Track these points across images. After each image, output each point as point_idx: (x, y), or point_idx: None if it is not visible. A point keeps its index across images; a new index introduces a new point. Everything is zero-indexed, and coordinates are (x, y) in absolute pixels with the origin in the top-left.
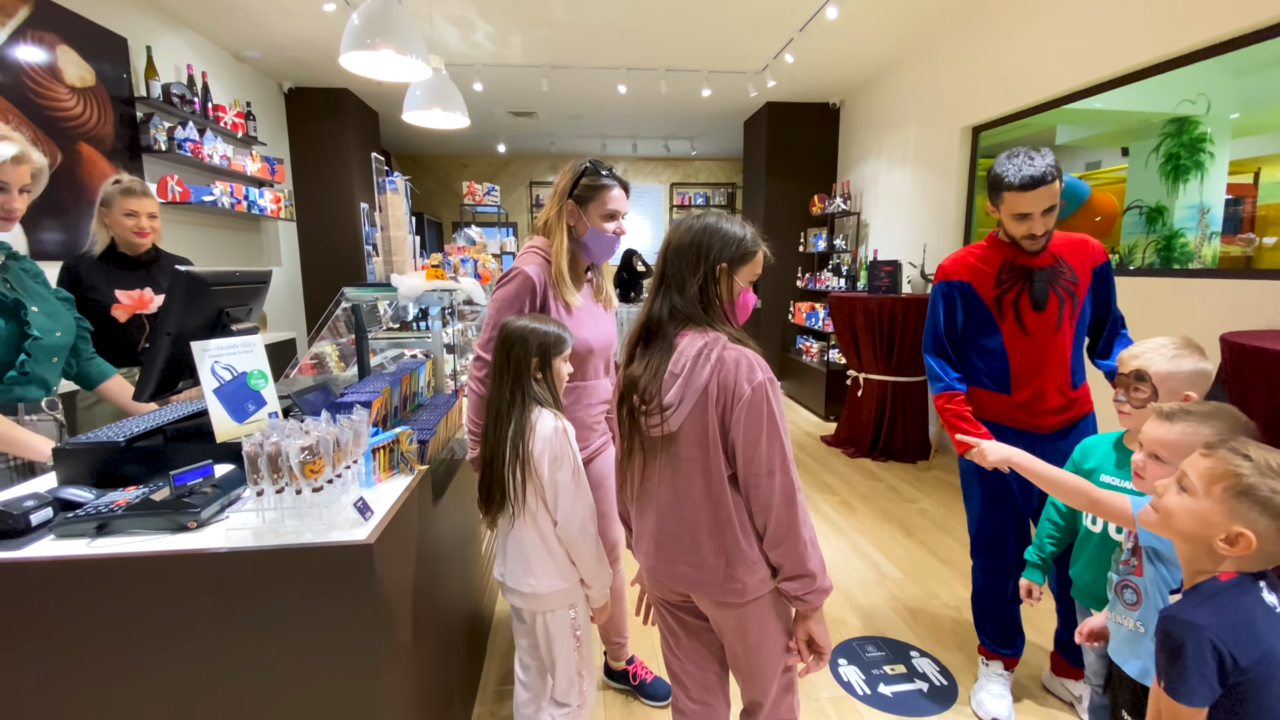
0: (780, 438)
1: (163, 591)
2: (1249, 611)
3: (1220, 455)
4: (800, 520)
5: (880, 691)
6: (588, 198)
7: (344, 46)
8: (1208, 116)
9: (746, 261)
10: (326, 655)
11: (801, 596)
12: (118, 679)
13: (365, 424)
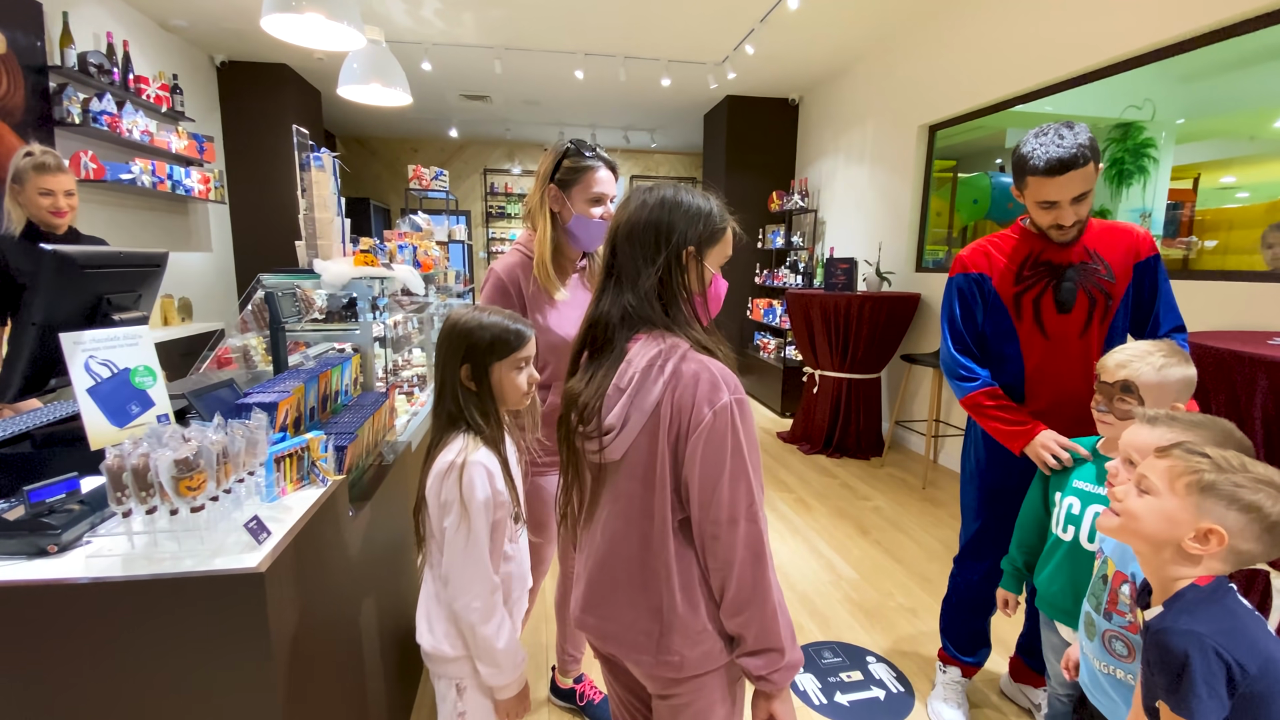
0: (747, 476)
1: (13, 627)
2: (1240, 615)
3: (1177, 454)
4: (769, 582)
5: (837, 701)
6: (571, 181)
7: (266, 7)
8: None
9: (716, 241)
10: (213, 703)
11: (767, 676)
12: None
13: (264, 429)
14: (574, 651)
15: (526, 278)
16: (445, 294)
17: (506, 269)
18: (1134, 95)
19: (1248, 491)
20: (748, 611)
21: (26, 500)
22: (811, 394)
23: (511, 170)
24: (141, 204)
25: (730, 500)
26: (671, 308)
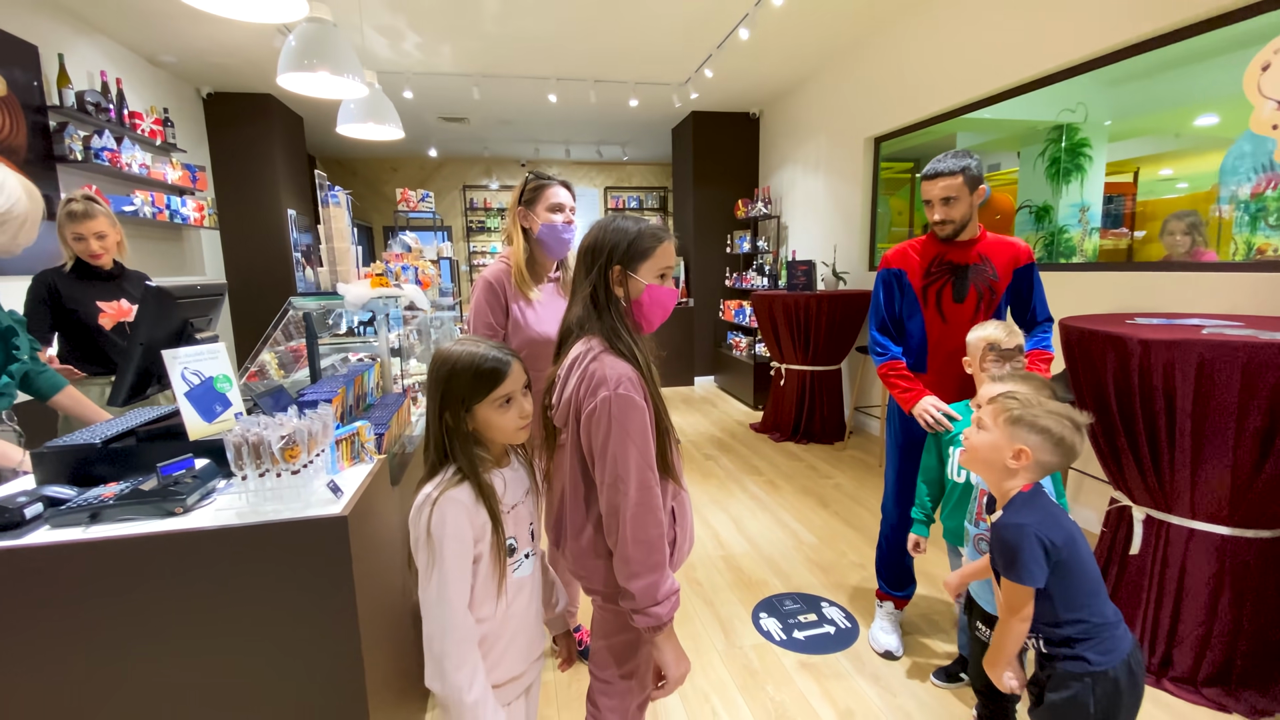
0: (624, 453)
1: (157, 570)
2: (1050, 509)
3: (998, 400)
4: (630, 538)
5: (795, 637)
6: (534, 199)
7: (281, 67)
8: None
9: (646, 257)
10: (310, 621)
11: (629, 613)
12: (116, 654)
13: (331, 417)
14: (570, 606)
15: (509, 282)
16: (437, 307)
17: (494, 275)
18: (1068, 99)
19: (1042, 419)
20: (616, 555)
21: (159, 474)
22: (779, 387)
23: (489, 186)
24: (139, 233)
25: (610, 467)
26: (603, 314)
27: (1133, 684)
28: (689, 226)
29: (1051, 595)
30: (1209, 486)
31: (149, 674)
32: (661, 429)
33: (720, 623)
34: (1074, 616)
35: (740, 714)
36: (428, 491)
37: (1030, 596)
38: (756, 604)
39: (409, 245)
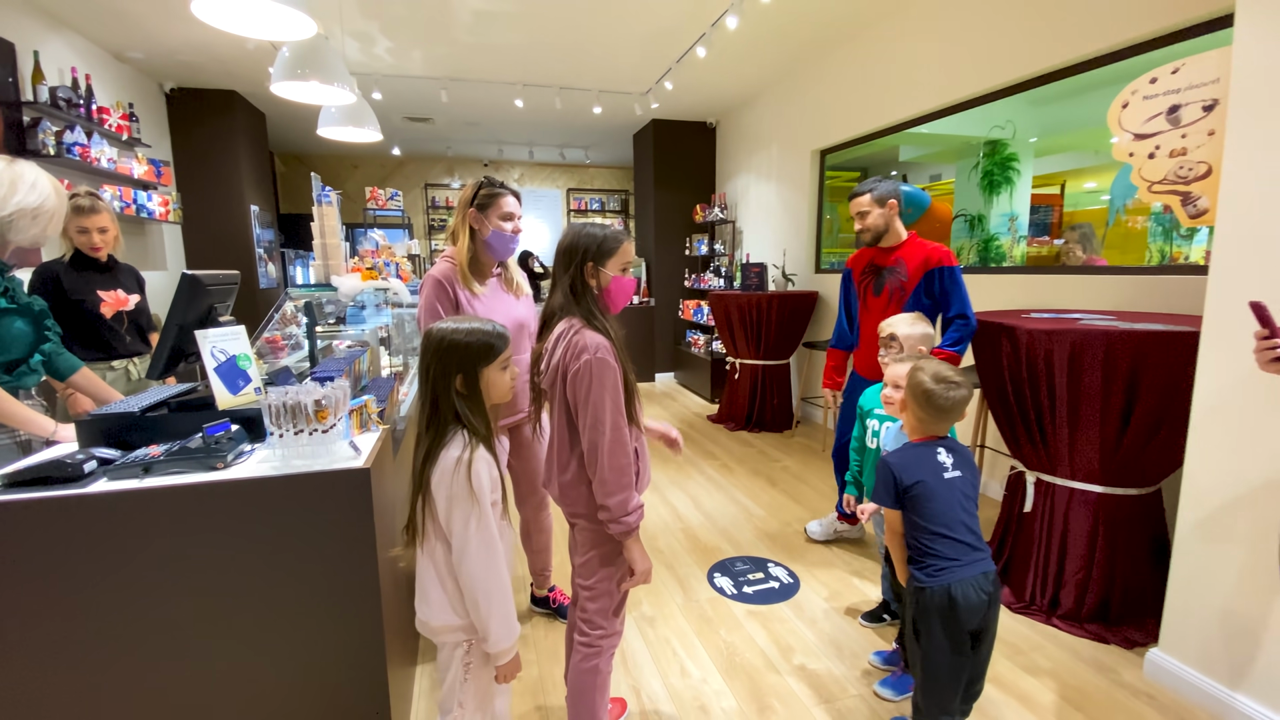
0: (602, 402)
1: (204, 516)
2: (918, 457)
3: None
4: (607, 465)
5: (744, 591)
6: (487, 205)
7: (275, 76)
8: (1014, 140)
9: (611, 254)
10: (337, 561)
11: (605, 523)
12: (166, 593)
13: (349, 389)
14: (545, 570)
15: (456, 279)
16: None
17: (442, 273)
18: (998, 118)
19: (917, 377)
20: (595, 480)
21: (205, 434)
22: (733, 380)
23: (452, 185)
24: None
25: (591, 414)
26: (580, 301)
27: (951, 608)
28: (650, 229)
29: (907, 521)
30: (1084, 452)
31: (196, 611)
32: (629, 387)
33: (679, 582)
34: (914, 541)
35: (697, 654)
36: (456, 454)
37: (893, 516)
38: (711, 565)
39: (377, 242)
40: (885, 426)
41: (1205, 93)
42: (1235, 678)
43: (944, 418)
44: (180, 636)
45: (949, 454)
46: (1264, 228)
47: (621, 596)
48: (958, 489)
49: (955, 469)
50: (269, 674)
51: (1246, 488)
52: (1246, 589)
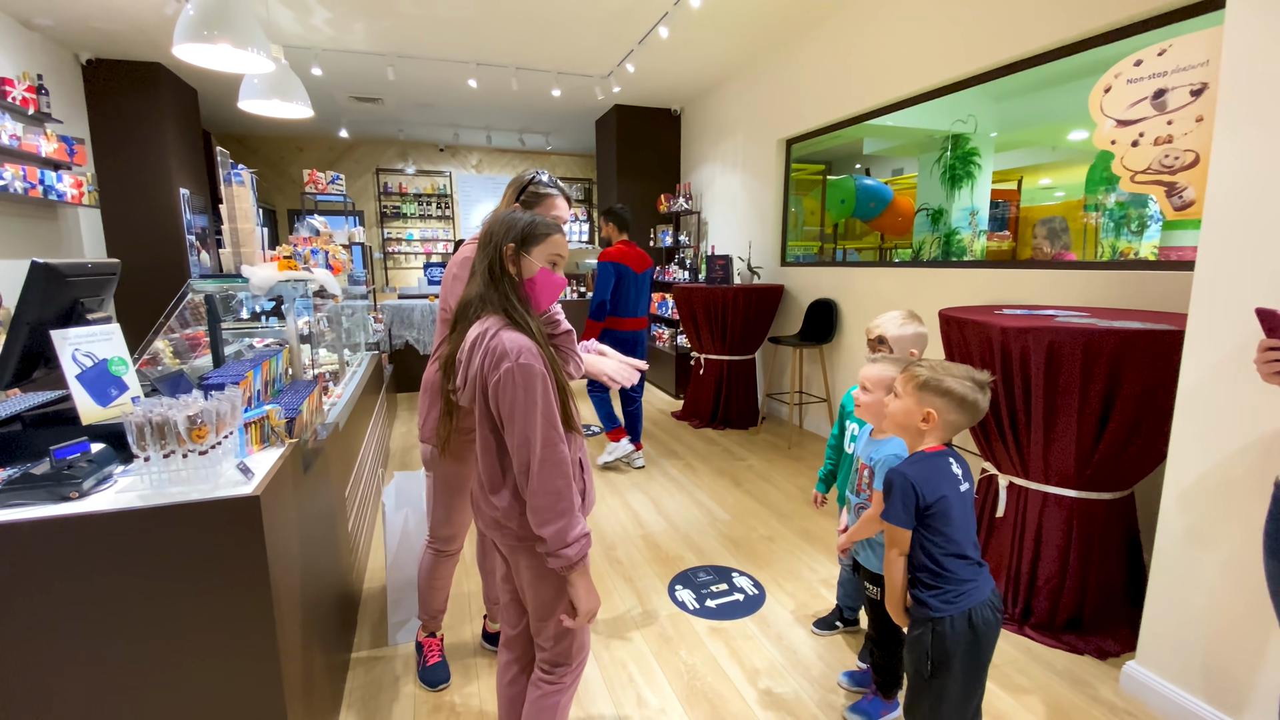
0: (531, 416)
1: (53, 557)
2: (939, 468)
3: (909, 370)
4: (540, 490)
5: (708, 605)
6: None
7: (177, 37)
8: (976, 134)
9: (538, 241)
10: (222, 608)
11: (544, 554)
12: (8, 647)
13: (239, 399)
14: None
15: None
16: (349, 295)
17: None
18: (960, 111)
19: (946, 382)
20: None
21: (52, 457)
22: (698, 376)
23: (405, 170)
24: (10, 210)
25: (520, 429)
26: (499, 286)
27: (973, 636)
28: None
29: (918, 542)
30: (1059, 455)
31: (50, 664)
32: (562, 389)
33: (638, 595)
34: (929, 565)
35: (655, 678)
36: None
37: (903, 536)
38: (673, 577)
39: (317, 229)
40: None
41: (1194, 76)
42: (1215, 693)
43: (973, 422)
44: (40, 689)
45: (958, 464)
46: (1255, 221)
47: (585, 632)
48: (968, 504)
49: (965, 480)
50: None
51: (1233, 490)
52: (1229, 599)
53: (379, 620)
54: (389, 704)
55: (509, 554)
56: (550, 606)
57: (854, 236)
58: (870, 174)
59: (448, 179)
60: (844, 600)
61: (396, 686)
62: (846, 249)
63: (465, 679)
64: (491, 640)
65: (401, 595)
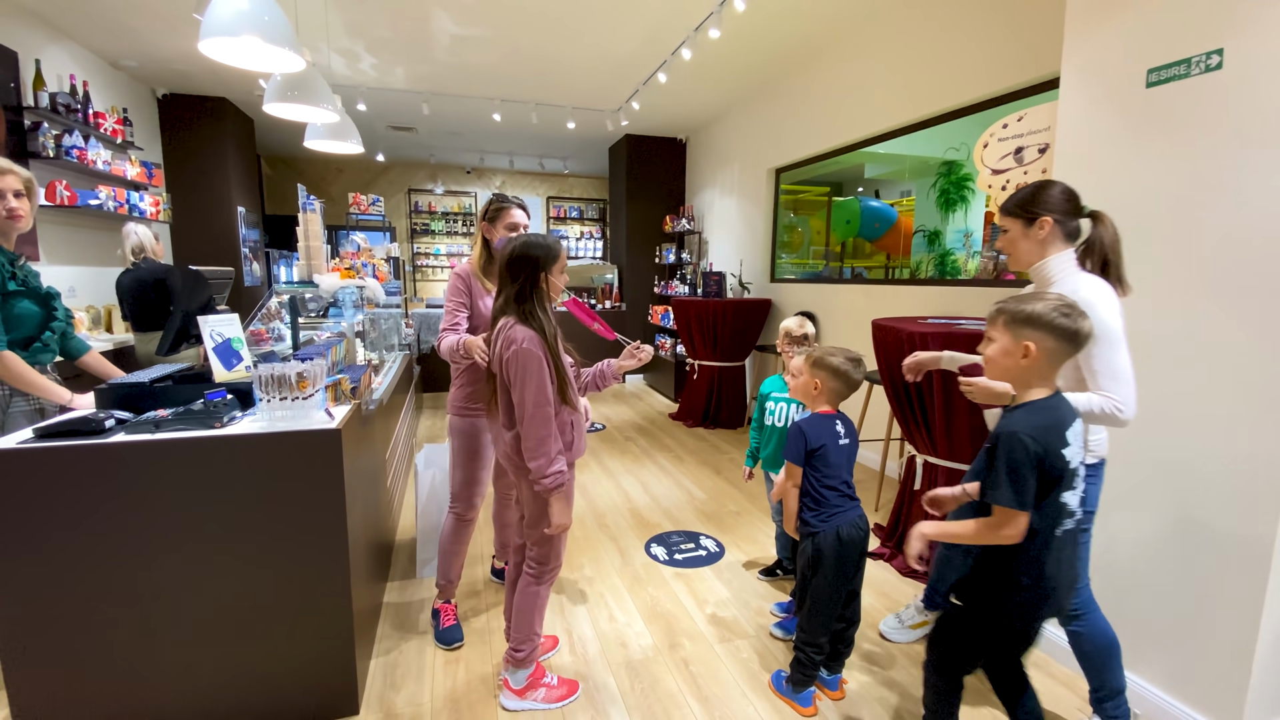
0: (526, 386)
1: (205, 465)
2: (824, 424)
3: (807, 354)
4: (529, 434)
5: (676, 557)
6: (496, 217)
7: (267, 98)
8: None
9: (554, 263)
10: (312, 508)
11: (533, 480)
12: (173, 529)
13: (327, 366)
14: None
15: (473, 276)
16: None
17: (464, 270)
18: (952, 139)
19: (827, 358)
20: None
21: (206, 399)
22: (692, 380)
23: (434, 190)
24: (100, 225)
25: (519, 394)
26: (523, 303)
27: (840, 546)
28: (623, 238)
29: (807, 476)
30: (958, 436)
31: (196, 545)
32: (560, 374)
33: (620, 551)
34: (812, 491)
35: (626, 605)
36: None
37: (796, 471)
38: (649, 538)
39: (359, 245)
40: (795, 407)
41: (1041, 137)
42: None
43: (849, 391)
44: (182, 566)
45: (842, 424)
46: None
47: (562, 540)
48: (845, 453)
49: (845, 437)
50: (250, 604)
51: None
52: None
53: (407, 562)
54: (416, 615)
55: (516, 477)
56: (537, 518)
57: (863, 256)
58: (879, 195)
59: (473, 199)
60: (782, 552)
61: (423, 606)
62: (853, 267)
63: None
64: (498, 575)
65: (429, 537)
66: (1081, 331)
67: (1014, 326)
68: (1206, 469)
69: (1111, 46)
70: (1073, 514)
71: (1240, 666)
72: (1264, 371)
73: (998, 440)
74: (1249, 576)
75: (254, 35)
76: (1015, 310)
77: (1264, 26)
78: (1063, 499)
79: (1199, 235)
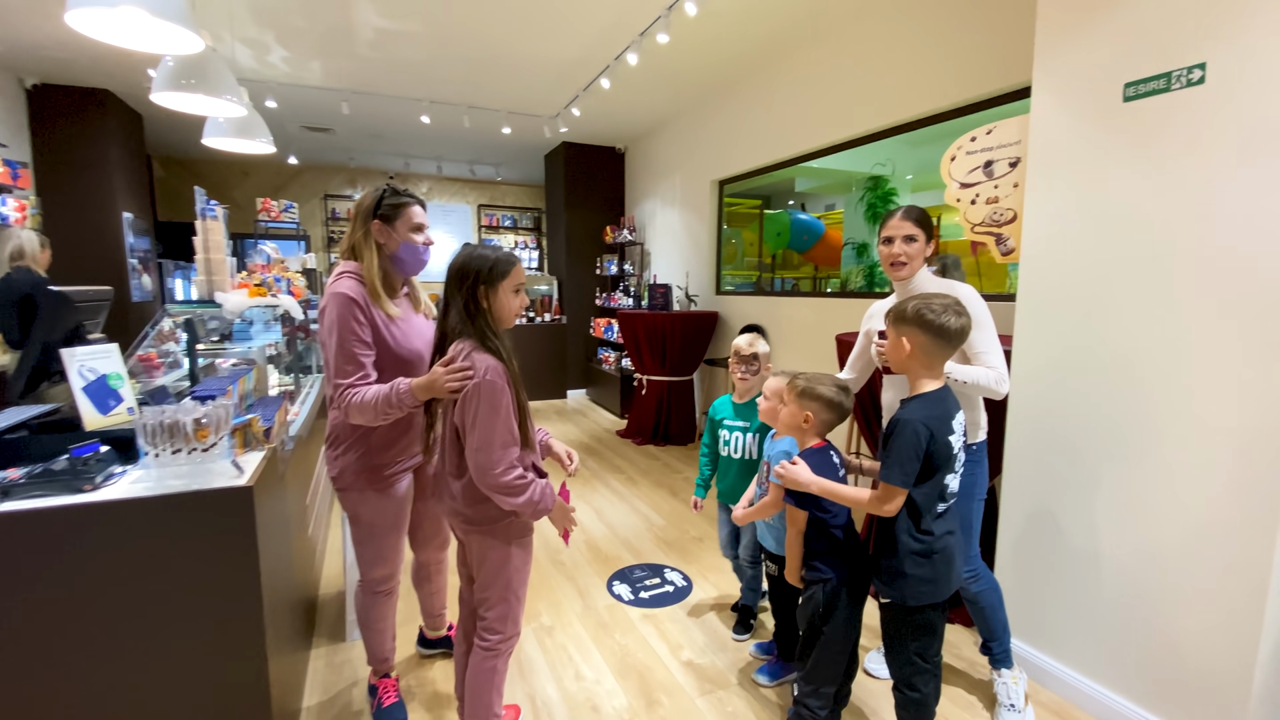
0: (491, 426)
1: (73, 540)
2: (823, 462)
3: (790, 382)
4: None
5: (641, 596)
6: (393, 215)
7: (156, 86)
8: (894, 176)
9: (505, 277)
10: (220, 580)
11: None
12: (30, 621)
13: (232, 407)
14: (443, 609)
15: (367, 300)
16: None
17: (355, 291)
18: (880, 155)
19: (818, 389)
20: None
21: (70, 455)
22: (641, 395)
23: (354, 196)
24: None
25: (480, 435)
26: (475, 321)
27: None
28: (561, 248)
29: (812, 519)
30: None
31: (73, 632)
32: (522, 407)
33: (579, 592)
34: (819, 537)
35: (592, 658)
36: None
37: (801, 517)
38: (611, 575)
39: (269, 255)
40: (751, 435)
41: (1011, 151)
42: (1039, 639)
43: (840, 420)
44: (58, 656)
45: (836, 456)
46: (1053, 263)
47: (519, 602)
48: None
49: (841, 467)
50: (150, 693)
51: (1052, 467)
52: (1054, 576)
53: (335, 620)
54: (349, 690)
55: (463, 536)
56: (491, 578)
57: (791, 267)
58: (805, 209)
59: None
60: (750, 599)
61: (357, 675)
62: (784, 278)
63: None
64: (433, 645)
65: None
66: (949, 328)
67: (897, 324)
68: (1188, 473)
69: (1085, 60)
70: (954, 495)
71: (1241, 681)
72: (1240, 378)
73: (895, 426)
74: (1247, 587)
75: (136, 6)
76: (897, 309)
77: (1249, 40)
78: (945, 481)
79: (1178, 252)
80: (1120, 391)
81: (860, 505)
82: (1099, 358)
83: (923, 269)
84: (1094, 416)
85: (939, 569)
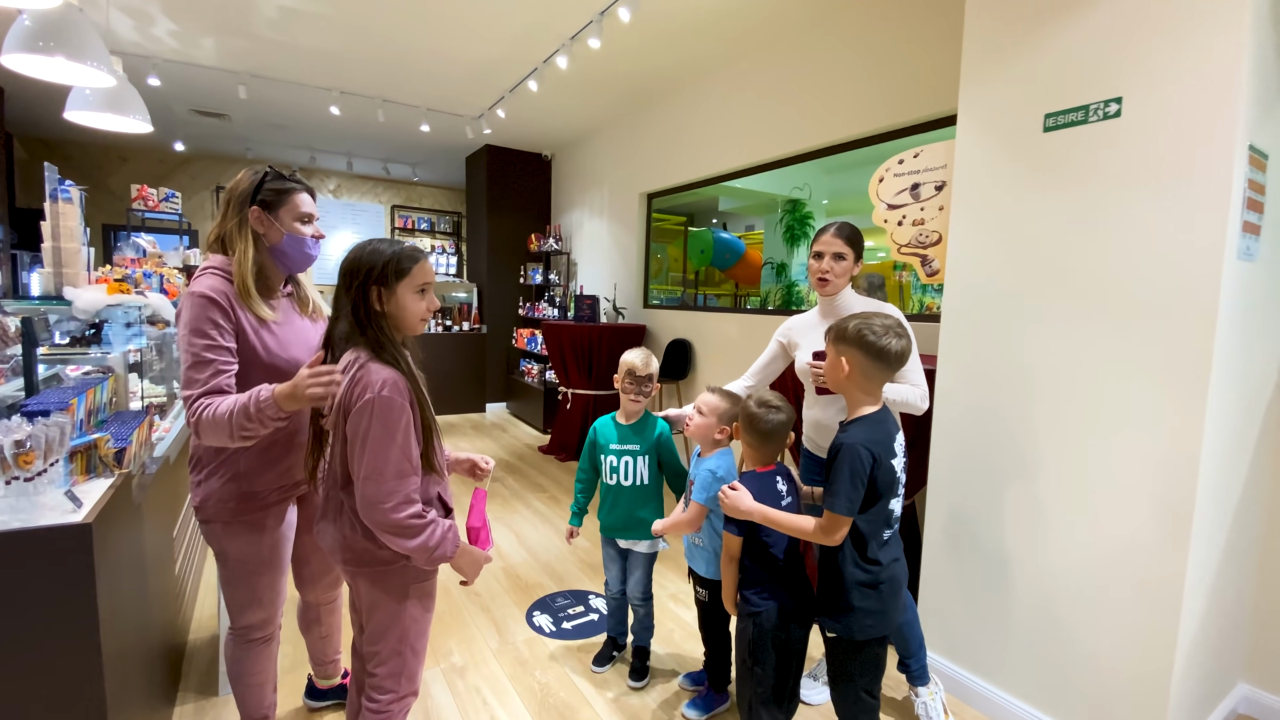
0: (383, 451)
1: None
2: (764, 486)
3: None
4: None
5: (564, 627)
6: (276, 202)
7: (8, 46)
8: (810, 200)
9: (404, 276)
10: (49, 637)
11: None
12: None
13: (68, 425)
14: (336, 655)
15: (235, 299)
16: None
17: (215, 290)
18: (798, 179)
19: (750, 409)
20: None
21: None
22: (565, 410)
23: None
24: None
25: (370, 461)
26: (367, 329)
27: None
28: (483, 255)
29: (748, 548)
30: None
31: None
32: (427, 427)
33: (496, 625)
34: (753, 566)
35: (509, 699)
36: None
37: (737, 544)
38: (531, 604)
39: (144, 249)
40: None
41: (937, 175)
42: (960, 655)
43: (766, 442)
44: None
45: (784, 481)
46: (976, 284)
47: (416, 657)
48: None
49: (788, 495)
50: None
51: (972, 471)
52: (974, 592)
53: (206, 671)
54: None
55: (350, 579)
56: (382, 630)
57: (713, 284)
58: (726, 228)
59: None
60: (615, 629)
61: None
62: (706, 294)
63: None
64: (324, 696)
65: None
66: (889, 350)
67: (837, 343)
68: (1102, 479)
69: (1009, 90)
70: (898, 519)
71: (1159, 685)
72: (1150, 401)
73: (838, 452)
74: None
75: None
76: (838, 328)
77: (1163, 76)
78: (891, 506)
79: (1089, 278)
80: (1035, 412)
81: (804, 535)
82: (1016, 378)
83: (848, 287)
84: (1011, 435)
85: (886, 599)
